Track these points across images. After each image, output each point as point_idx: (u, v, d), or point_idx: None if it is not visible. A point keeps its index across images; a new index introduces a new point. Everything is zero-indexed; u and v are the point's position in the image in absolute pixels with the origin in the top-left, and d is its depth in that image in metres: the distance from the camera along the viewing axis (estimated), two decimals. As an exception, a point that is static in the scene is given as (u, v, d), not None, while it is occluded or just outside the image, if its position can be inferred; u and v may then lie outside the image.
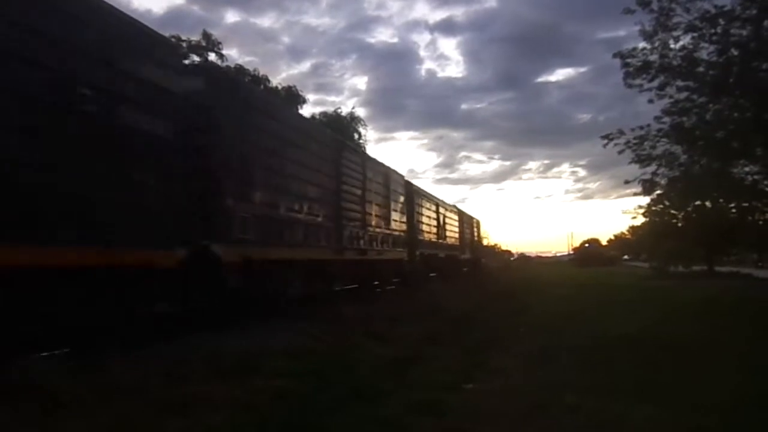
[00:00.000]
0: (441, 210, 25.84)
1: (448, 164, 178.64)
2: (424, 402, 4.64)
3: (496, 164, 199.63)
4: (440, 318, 10.73)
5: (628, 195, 64.90)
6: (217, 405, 4.43)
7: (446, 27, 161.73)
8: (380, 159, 19.01)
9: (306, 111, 34.61)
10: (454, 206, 31.23)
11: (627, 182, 21.89)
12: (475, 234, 37.74)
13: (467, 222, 34.34)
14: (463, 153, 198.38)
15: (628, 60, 17.11)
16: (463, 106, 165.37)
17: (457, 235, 29.69)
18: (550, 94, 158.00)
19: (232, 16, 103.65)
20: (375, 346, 7.49)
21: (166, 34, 17.79)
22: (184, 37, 27.25)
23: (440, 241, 24.98)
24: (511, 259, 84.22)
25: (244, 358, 6.13)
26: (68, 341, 6.15)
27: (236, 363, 5.92)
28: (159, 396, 4.61)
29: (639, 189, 22.83)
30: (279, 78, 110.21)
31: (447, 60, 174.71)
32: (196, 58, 25.24)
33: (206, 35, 28.45)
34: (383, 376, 5.68)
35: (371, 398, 4.80)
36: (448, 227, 26.93)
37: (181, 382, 5.10)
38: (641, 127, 18.14)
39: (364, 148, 36.68)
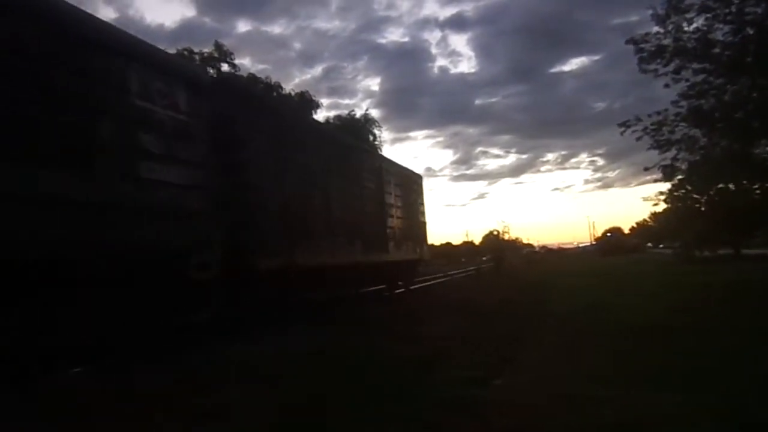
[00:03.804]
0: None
1: (465, 160, 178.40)
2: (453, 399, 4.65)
3: (513, 158, 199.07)
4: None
5: (648, 182, 64.57)
6: (246, 409, 4.49)
7: (456, 23, 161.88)
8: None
9: (320, 115, 34.78)
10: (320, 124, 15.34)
11: (647, 169, 21.61)
12: (393, 203, 16.67)
13: (356, 162, 14.24)
14: (480, 148, 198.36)
15: (642, 45, 16.93)
16: (477, 102, 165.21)
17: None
18: (564, 84, 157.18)
19: (243, 26, 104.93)
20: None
21: (179, 47, 17.69)
22: (196, 50, 27.60)
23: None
24: (532, 252, 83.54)
25: (267, 363, 6.27)
26: (99, 354, 6.44)
27: (260, 367, 6.05)
28: (188, 403, 4.71)
29: (659, 175, 22.58)
30: (292, 84, 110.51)
31: (459, 56, 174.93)
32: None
33: (218, 46, 28.85)
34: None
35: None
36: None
37: (210, 389, 5.21)
38: (658, 113, 17.93)
39: (380, 149, 36.85)
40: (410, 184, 19.22)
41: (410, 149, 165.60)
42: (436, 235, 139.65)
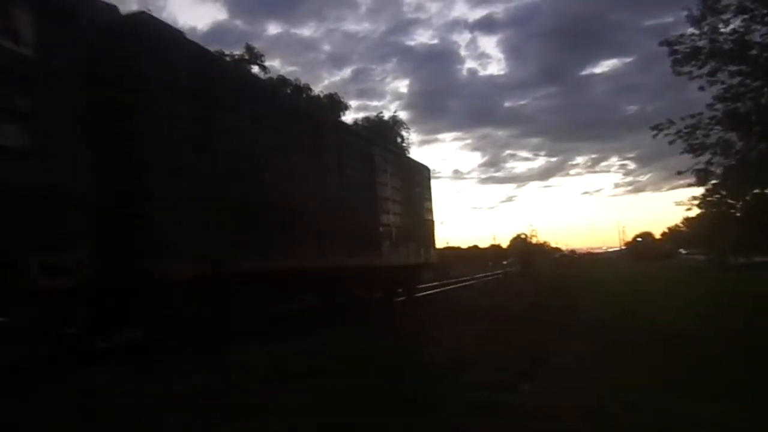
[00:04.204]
0: None
1: (494, 163, 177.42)
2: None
3: (542, 161, 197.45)
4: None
5: (681, 186, 63.21)
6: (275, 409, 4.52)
7: (486, 25, 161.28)
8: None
9: (348, 117, 34.93)
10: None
11: (680, 173, 21.20)
12: (389, 197, 14.13)
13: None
14: (508, 151, 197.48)
15: (676, 47, 16.66)
16: (507, 104, 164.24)
17: None
18: (595, 87, 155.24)
19: (273, 28, 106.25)
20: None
21: (211, 49, 17.72)
22: (227, 52, 27.94)
23: None
24: (563, 256, 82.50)
25: (299, 364, 6.29)
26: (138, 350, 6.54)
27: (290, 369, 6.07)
28: (227, 400, 4.77)
29: (693, 179, 22.13)
30: (321, 86, 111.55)
31: (488, 58, 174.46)
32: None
33: (249, 48, 29.15)
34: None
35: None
36: None
37: (246, 387, 5.27)
38: (692, 116, 17.59)
39: (408, 151, 36.83)
40: (413, 175, 16.42)
41: (438, 151, 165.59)
42: (463, 238, 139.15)
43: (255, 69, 27.78)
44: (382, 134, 33.41)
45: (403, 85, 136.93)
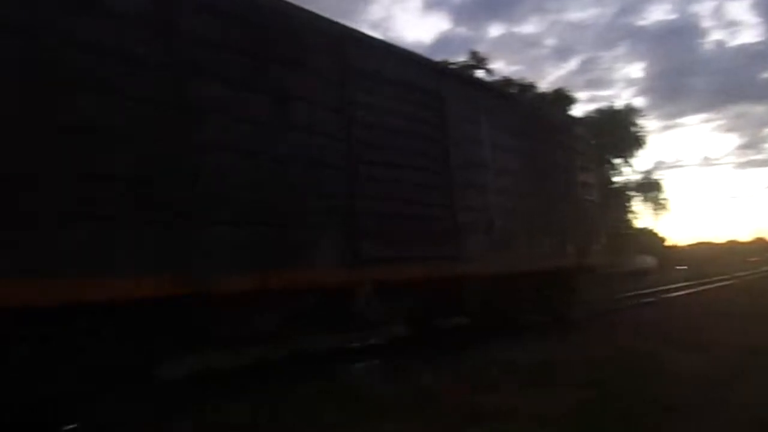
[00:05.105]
0: None
1: (753, 144, 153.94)
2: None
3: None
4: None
5: None
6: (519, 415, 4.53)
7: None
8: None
9: (578, 110, 33.54)
10: None
11: None
12: (488, 162, 8.33)
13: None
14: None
15: None
16: (766, 75, 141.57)
17: None
18: None
19: (495, 30, 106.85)
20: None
21: (437, 59, 18.04)
22: (452, 60, 28.88)
23: None
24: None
25: (538, 369, 6.22)
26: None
27: (531, 373, 6.02)
28: (463, 403, 4.88)
29: None
30: (546, 81, 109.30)
31: (737, 26, 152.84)
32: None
33: (473, 54, 29.75)
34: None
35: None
36: None
37: (483, 391, 5.35)
38: None
39: (644, 141, 34.03)
40: (549, 133, 10.41)
41: (683, 136, 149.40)
42: (718, 233, 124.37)
43: (480, 73, 28.20)
44: (614, 125, 31.33)
45: (636, 70, 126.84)
